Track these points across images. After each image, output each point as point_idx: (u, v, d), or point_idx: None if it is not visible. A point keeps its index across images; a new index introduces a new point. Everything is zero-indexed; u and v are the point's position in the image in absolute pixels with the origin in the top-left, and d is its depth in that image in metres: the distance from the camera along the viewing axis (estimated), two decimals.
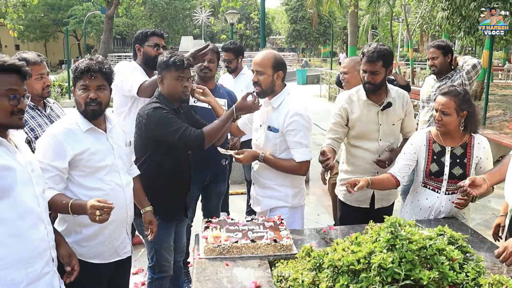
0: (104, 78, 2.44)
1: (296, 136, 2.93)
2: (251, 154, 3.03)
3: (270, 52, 3.01)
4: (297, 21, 50.94)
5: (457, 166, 2.91)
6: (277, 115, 2.98)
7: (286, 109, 2.94)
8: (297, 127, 2.91)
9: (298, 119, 2.91)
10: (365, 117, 3.23)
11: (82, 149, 2.40)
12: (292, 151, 2.97)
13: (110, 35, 22.40)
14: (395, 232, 1.78)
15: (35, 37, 44.38)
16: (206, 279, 2.13)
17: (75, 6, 42.17)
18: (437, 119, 2.90)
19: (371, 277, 1.69)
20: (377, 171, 3.28)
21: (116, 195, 2.50)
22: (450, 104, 2.84)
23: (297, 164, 2.96)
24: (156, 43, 3.65)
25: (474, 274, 1.78)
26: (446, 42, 4.45)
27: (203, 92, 3.25)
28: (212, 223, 2.63)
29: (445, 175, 2.93)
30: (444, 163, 2.93)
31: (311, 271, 1.95)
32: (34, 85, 2.91)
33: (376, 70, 3.08)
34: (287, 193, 3.08)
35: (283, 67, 2.99)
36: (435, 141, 2.99)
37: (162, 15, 51.68)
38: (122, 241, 2.64)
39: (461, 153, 2.93)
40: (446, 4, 12.23)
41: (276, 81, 2.96)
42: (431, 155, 2.97)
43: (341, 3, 28.72)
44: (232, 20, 16.30)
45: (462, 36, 12.80)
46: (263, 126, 3.07)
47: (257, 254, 2.36)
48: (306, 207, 3.29)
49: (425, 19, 21.02)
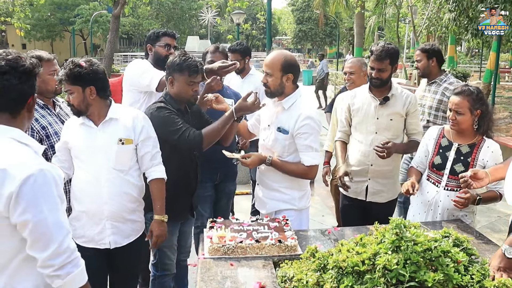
0: (71, 83, 2.60)
1: (307, 139, 2.90)
2: (258, 158, 2.98)
3: (281, 53, 2.96)
4: (304, 21, 50.83)
5: (459, 163, 2.94)
6: (287, 117, 2.95)
7: (297, 112, 2.91)
8: (308, 131, 2.89)
9: (310, 123, 2.89)
10: (364, 109, 3.42)
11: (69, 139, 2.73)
12: (301, 154, 2.94)
13: (116, 35, 22.38)
14: (400, 233, 1.78)
15: (41, 36, 44.55)
16: (211, 279, 2.13)
17: (82, 6, 42.28)
18: (451, 118, 2.94)
19: (375, 278, 1.69)
20: (371, 163, 3.40)
21: (90, 189, 2.66)
22: (463, 104, 2.88)
23: (306, 168, 2.93)
24: (167, 43, 3.69)
25: (479, 277, 1.77)
26: (432, 46, 4.43)
27: (217, 99, 3.23)
28: (217, 223, 2.63)
29: (447, 169, 2.97)
30: (448, 158, 2.98)
31: (316, 272, 1.95)
32: (49, 82, 3.00)
33: (383, 68, 3.28)
34: (293, 196, 3.05)
35: (293, 69, 2.93)
36: (444, 136, 3.07)
37: (169, 15, 51.76)
38: (99, 232, 2.74)
39: (467, 151, 2.95)
40: (453, 5, 12.18)
41: (286, 83, 2.92)
42: (437, 148, 3.05)
43: (347, 4, 28.66)
44: (239, 20, 16.29)
45: (469, 38, 12.75)
46: (272, 126, 3.03)
47: (262, 254, 2.36)
48: (311, 208, 3.30)
49: (431, 21, 20.97)
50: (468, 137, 2.97)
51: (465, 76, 17.93)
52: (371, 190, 3.46)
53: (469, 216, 3.01)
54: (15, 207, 1.62)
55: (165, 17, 51.52)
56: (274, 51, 3.05)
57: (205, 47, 4.45)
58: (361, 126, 3.45)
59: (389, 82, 3.40)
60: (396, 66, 3.37)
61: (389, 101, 3.36)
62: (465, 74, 18.65)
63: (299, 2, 50.83)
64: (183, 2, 51.24)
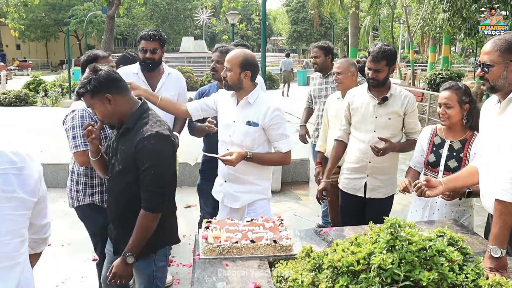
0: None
1: (280, 129, 3.11)
2: (240, 155, 3.01)
3: (242, 52, 3.11)
4: (298, 22, 50.95)
5: (453, 159, 3.03)
6: (255, 111, 3.09)
7: (265, 105, 3.09)
8: (279, 121, 3.10)
9: (279, 114, 3.10)
10: (363, 108, 3.50)
11: None
12: (276, 143, 3.14)
13: (111, 35, 22.39)
14: (395, 233, 1.78)
15: (36, 37, 44.44)
16: (206, 279, 2.13)
17: (76, 6, 42.23)
18: (442, 113, 3.02)
19: (370, 278, 1.69)
20: (369, 160, 3.50)
21: None
22: (452, 97, 2.98)
23: (284, 154, 3.14)
24: (142, 47, 3.79)
25: (473, 276, 1.77)
26: (328, 44, 5.03)
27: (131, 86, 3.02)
28: (212, 224, 2.63)
29: (441, 166, 3.07)
30: (441, 155, 3.08)
31: (311, 272, 1.95)
32: None
33: (380, 69, 3.35)
34: (265, 186, 3.25)
35: (251, 67, 3.08)
36: (437, 134, 3.17)
37: (163, 15, 51.74)
38: None
39: (459, 147, 3.04)
40: (447, 6, 12.24)
41: (244, 80, 3.07)
42: (431, 146, 3.15)
43: (342, 5, 28.71)
44: (233, 20, 16.28)
45: (462, 38, 12.82)
46: (238, 121, 3.13)
47: (257, 254, 2.36)
48: (306, 208, 3.33)
49: (426, 21, 21.06)
50: (459, 133, 3.06)
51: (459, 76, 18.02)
52: (369, 186, 3.55)
53: (467, 211, 3.06)
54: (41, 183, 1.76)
55: (160, 17, 51.51)
56: (236, 49, 3.22)
57: (200, 47, 4.46)
58: (360, 125, 3.53)
59: (388, 82, 3.47)
60: (393, 67, 3.44)
61: (387, 101, 3.44)
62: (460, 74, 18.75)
63: (294, 2, 50.95)
64: (178, 3, 51.24)
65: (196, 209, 5.82)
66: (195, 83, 20.65)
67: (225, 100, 3.25)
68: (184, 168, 6.68)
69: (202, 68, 25.66)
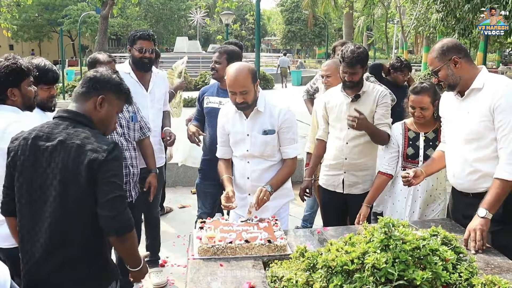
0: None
1: (289, 132, 3.07)
2: (266, 194, 2.88)
3: (244, 67, 2.93)
4: (293, 22, 51.02)
5: (430, 148, 3.29)
6: (267, 117, 3.02)
7: (276, 109, 3.04)
8: (290, 124, 3.07)
9: (291, 116, 3.07)
10: (338, 107, 3.56)
11: None
12: (285, 148, 3.09)
13: (105, 36, 22.30)
14: (389, 232, 1.79)
15: (29, 37, 44.24)
16: (200, 280, 2.13)
17: (70, 6, 42.04)
18: (418, 116, 3.25)
19: (364, 277, 1.70)
20: (345, 157, 3.54)
21: None
22: (426, 100, 3.22)
23: (291, 162, 3.14)
24: (141, 47, 3.79)
25: (467, 274, 1.78)
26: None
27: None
28: (206, 224, 2.63)
29: (421, 157, 3.31)
30: (419, 146, 3.33)
31: (305, 272, 1.95)
32: None
33: (355, 72, 3.40)
34: (288, 186, 3.25)
35: (256, 74, 3.00)
36: (409, 129, 3.40)
37: (157, 15, 51.64)
38: None
39: (433, 137, 3.31)
40: (441, 6, 12.30)
41: (257, 90, 3.01)
42: (407, 140, 3.38)
43: (336, 5, 28.79)
44: (228, 21, 16.26)
45: (456, 38, 12.86)
46: (254, 133, 3.04)
47: (251, 254, 2.36)
48: (301, 208, 3.34)
49: (419, 21, 21.14)
50: (430, 125, 3.33)
51: None
52: (347, 182, 3.60)
53: (442, 194, 3.41)
54: None
55: (154, 17, 51.40)
56: (232, 68, 2.93)
57: (194, 47, 4.46)
58: (335, 123, 3.59)
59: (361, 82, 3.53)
60: (366, 67, 3.51)
61: (360, 98, 3.49)
62: None
63: (288, 2, 50.99)
64: (172, 3, 51.15)
65: (190, 209, 5.82)
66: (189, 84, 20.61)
67: (230, 117, 3.13)
68: (178, 169, 6.67)
69: (196, 68, 25.60)
